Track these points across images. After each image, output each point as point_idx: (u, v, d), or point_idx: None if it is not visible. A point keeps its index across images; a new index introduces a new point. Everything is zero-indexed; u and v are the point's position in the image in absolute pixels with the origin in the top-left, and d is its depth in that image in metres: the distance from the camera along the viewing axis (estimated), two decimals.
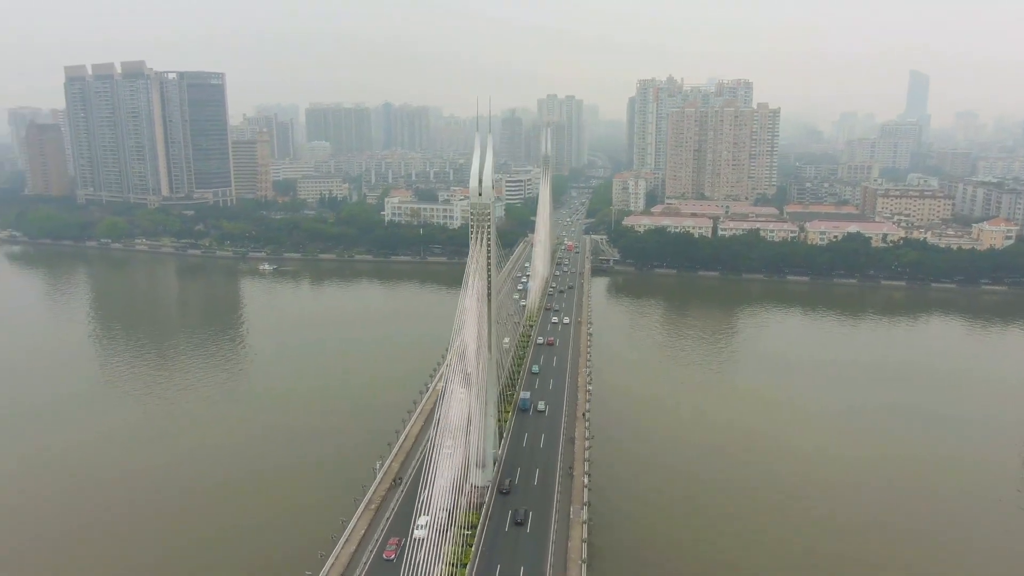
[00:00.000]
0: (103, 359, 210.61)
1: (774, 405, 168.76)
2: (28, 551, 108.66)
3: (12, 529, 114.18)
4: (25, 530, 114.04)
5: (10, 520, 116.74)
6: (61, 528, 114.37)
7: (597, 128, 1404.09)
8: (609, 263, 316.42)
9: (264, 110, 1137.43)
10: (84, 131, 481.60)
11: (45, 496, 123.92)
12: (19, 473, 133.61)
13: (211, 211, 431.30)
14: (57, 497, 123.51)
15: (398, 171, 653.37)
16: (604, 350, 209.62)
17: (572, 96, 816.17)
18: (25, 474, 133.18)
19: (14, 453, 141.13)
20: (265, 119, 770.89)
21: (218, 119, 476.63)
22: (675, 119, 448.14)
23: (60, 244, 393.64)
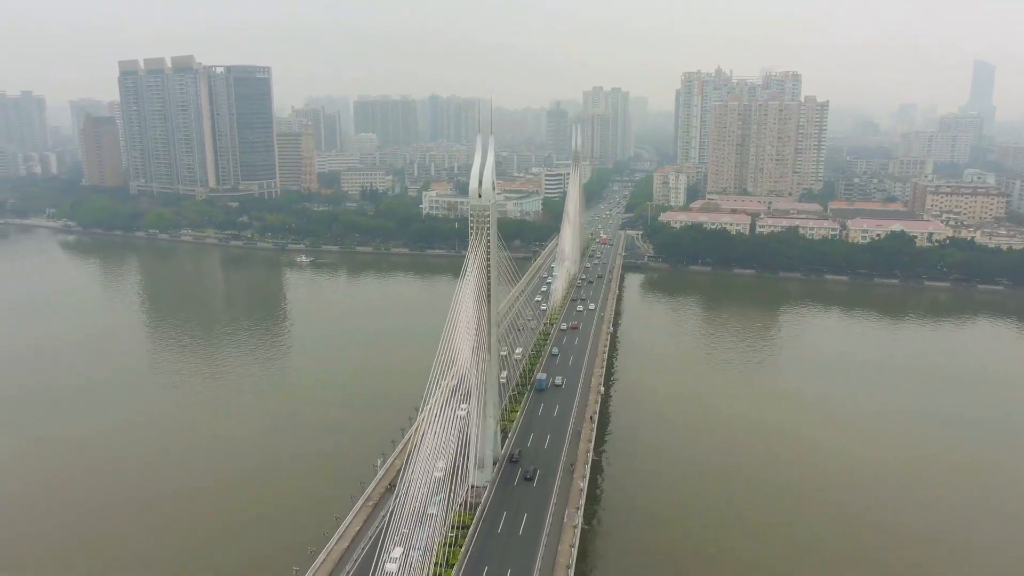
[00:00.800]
0: (138, 346, 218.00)
1: (806, 405, 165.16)
2: (16, 543, 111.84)
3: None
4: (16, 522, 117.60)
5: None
6: (49, 520, 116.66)
7: (647, 120, 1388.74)
8: (644, 260, 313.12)
9: (314, 102, 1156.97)
10: (136, 124, 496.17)
11: (44, 484, 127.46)
12: (19, 460, 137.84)
13: (255, 203, 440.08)
14: (54, 486, 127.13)
15: (441, 163, 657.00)
16: (633, 347, 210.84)
17: (618, 88, 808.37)
18: (29, 461, 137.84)
19: (27, 438, 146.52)
20: (313, 112, 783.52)
21: (263, 112, 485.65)
22: (718, 113, 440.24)
23: (111, 234, 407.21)
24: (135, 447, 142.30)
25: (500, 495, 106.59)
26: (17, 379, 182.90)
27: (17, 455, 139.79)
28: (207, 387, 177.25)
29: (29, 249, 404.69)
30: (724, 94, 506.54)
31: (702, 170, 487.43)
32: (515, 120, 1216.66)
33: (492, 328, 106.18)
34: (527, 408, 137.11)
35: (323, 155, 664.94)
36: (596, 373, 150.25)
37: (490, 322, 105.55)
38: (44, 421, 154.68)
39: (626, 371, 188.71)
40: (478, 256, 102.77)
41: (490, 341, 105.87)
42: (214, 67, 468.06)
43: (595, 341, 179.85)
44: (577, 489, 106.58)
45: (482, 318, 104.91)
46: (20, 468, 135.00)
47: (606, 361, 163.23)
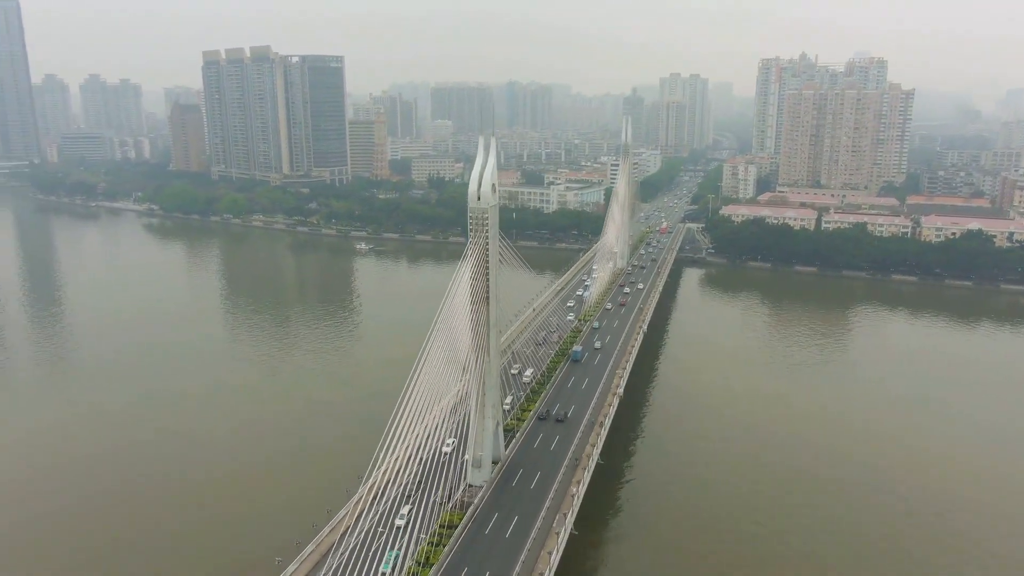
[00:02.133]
0: (210, 321, 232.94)
1: (840, 416, 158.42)
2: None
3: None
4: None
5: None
6: (47, 504, 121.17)
7: (731, 106, 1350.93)
8: (702, 254, 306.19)
9: (397, 89, 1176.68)
10: (218, 112, 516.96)
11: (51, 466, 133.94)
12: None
13: (324, 189, 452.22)
14: (61, 468, 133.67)
15: (513, 151, 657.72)
16: (681, 345, 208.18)
17: (697, 75, 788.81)
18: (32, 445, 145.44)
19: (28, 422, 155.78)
20: (390, 99, 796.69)
21: (336, 100, 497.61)
22: (792, 102, 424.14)
23: (189, 218, 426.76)
24: (155, 427, 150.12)
25: (496, 496, 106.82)
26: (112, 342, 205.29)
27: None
28: (249, 369, 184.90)
29: (117, 231, 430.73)
30: (803, 82, 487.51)
31: (776, 161, 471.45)
32: (592, 107, 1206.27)
33: (492, 330, 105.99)
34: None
35: (398, 142, 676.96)
36: (617, 374, 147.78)
37: (489, 324, 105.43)
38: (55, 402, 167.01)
39: (666, 371, 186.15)
40: (474, 258, 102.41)
41: (489, 343, 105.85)
42: (290, 57, 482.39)
43: (627, 339, 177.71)
44: (578, 486, 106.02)
45: (480, 320, 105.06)
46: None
47: (633, 362, 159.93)
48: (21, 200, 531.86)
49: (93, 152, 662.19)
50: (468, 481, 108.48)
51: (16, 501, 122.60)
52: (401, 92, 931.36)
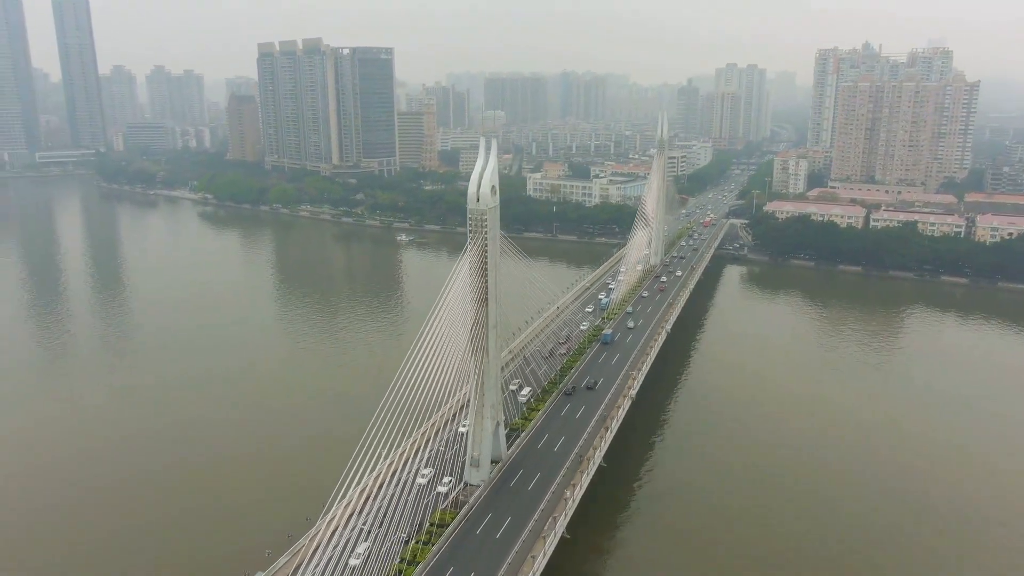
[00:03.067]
0: (229, 308, 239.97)
1: (886, 423, 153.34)
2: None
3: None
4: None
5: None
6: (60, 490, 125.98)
7: (794, 97, 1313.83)
8: (743, 251, 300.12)
9: (453, 79, 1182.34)
10: (272, 102, 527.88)
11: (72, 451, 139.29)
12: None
13: (371, 180, 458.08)
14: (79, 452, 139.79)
15: (563, 142, 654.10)
16: (715, 345, 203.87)
17: (754, 65, 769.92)
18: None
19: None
20: (442, 89, 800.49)
21: (385, 92, 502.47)
22: (846, 94, 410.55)
23: (240, 207, 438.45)
24: (178, 410, 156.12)
25: (492, 496, 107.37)
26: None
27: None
28: (272, 357, 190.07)
29: (173, 218, 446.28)
30: (862, 73, 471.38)
31: (831, 156, 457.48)
32: (648, 98, 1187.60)
33: (491, 330, 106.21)
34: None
35: (449, 132, 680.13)
36: (632, 376, 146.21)
37: (487, 324, 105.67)
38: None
39: (696, 370, 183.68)
40: (471, 259, 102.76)
41: (488, 343, 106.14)
42: (341, 49, 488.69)
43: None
44: (573, 489, 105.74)
45: (479, 320, 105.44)
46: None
47: (650, 364, 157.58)
48: (87, 187, 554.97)
49: (156, 141, 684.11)
50: (466, 480, 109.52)
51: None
52: (456, 82, 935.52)
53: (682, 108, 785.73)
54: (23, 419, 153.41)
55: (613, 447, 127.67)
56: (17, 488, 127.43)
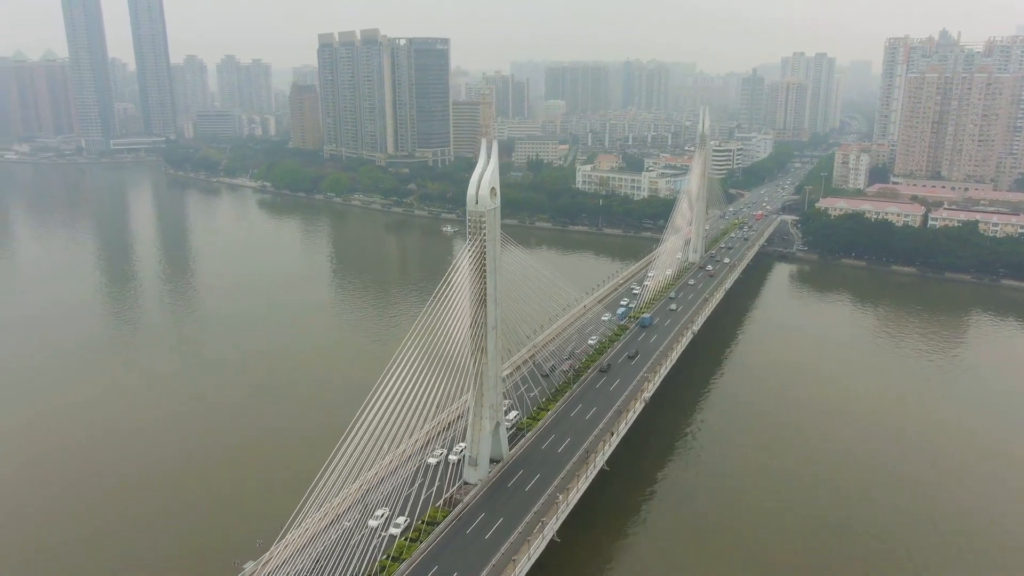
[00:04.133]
0: (269, 292, 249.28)
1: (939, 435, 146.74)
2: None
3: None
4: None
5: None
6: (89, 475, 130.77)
7: (869, 87, 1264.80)
8: (792, 248, 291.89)
9: (516, 67, 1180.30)
10: (331, 92, 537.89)
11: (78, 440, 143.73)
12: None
13: (423, 170, 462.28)
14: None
15: (619, 133, 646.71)
16: (752, 346, 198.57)
17: (823, 54, 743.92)
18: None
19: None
20: (502, 79, 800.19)
21: (441, 82, 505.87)
22: (912, 85, 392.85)
23: (296, 195, 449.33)
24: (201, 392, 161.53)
25: (488, 496, 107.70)
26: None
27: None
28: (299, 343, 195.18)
29: (233, 205, 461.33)
30: (934, 63, 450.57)
31: (895, 149, 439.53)
32: (715, 87, 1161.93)
33: (489, 331, 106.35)
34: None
35: (507, 122, 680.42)
36: (648, 379, 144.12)
37: (486, 324, 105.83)
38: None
39: (728, 374, 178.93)
40: (468, 260, 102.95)
41: (487, 343, 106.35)
42: (397, 39, 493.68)
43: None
44: (567, 493, 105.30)
45: (478, 321, 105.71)
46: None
47: (669, 368, 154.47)
48: (156, 174, 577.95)
49: (224, 129, 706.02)
50: (464, 479, 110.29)
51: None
52: (517, 71, 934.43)
53: (746, 98, 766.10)
54: (62, 399, 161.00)
55: (626, 450, 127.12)
56: (59, 462, 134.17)
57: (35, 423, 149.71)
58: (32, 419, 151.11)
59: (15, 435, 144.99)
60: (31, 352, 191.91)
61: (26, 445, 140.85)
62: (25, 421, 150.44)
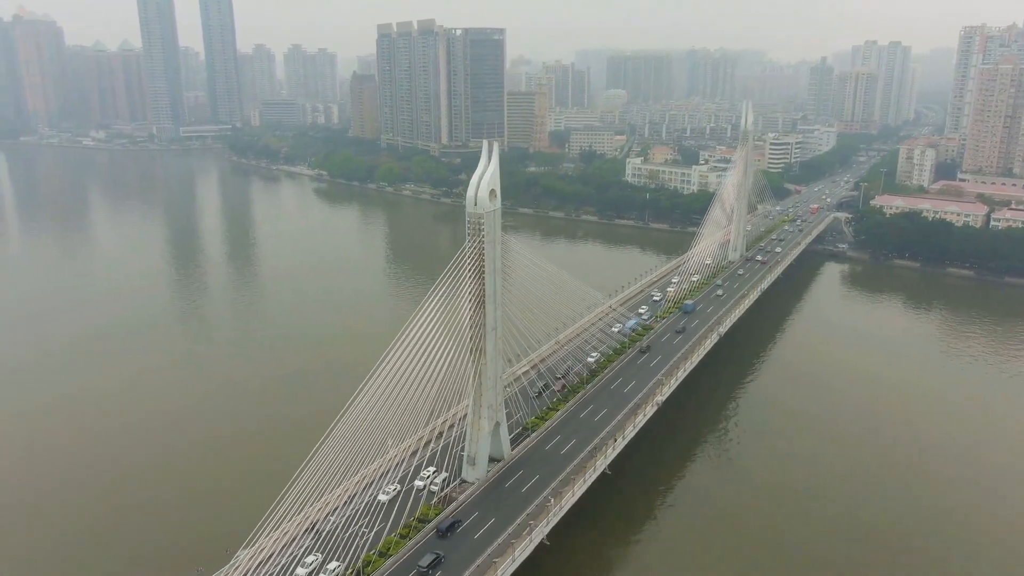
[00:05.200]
0: (313, 277, 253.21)
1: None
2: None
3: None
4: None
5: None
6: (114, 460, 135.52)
7: (948, 77, 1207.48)
8: (843, 248, 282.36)
9: (581, 55, 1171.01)
10: (388, 82, 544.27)
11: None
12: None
13: (474, 161, 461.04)
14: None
15: (678, 124, 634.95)
16: (793, 350, 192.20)
17: (897, 42, 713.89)
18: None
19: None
20: (562, 68, 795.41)
21: (496, 72, 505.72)
22: (984, 77, 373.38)
23: (350, 184, 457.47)
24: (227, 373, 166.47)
25: (484, 495, 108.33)
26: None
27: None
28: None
29: (291, 192, 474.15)
30: (1011, 53, 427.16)
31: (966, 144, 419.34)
32: (785, 75, 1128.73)
33: (488, 332, 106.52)
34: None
35: (565, 112, 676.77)
36: (663, 382, 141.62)
37: (485, 326, 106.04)
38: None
39: (765, 376, 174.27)
40: (465, 261, 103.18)
41: (485, 344, 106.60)
42: (454, 29, 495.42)
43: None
44: (560, 497, 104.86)
45: (476, 322, 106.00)
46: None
47: (688, 370, 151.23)
48: (221, 161, 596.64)
49: (288, 117, 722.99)
50: (462, 476, 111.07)
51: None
52: (582, 60, 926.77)
53: (814, 89, 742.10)
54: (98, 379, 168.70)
55: (639, 453, 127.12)
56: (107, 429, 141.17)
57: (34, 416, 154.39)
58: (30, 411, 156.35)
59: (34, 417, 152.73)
60: (80, 328, 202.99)
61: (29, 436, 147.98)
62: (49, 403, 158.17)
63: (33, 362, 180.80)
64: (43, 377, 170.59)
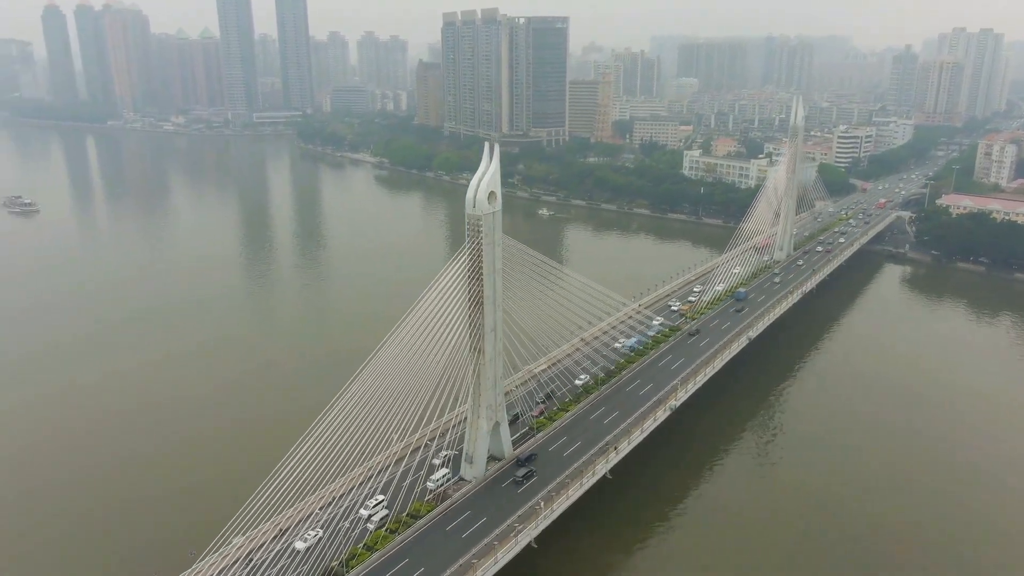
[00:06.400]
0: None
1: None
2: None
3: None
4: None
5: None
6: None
7: None
8: (903, 249, 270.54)
9: (656, 41, 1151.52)
10: (452, 70, 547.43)
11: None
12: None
13: (532, 150, 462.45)
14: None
15: (748, 114, 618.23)
16: (834, 358, 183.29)
17: (989, 30, 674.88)
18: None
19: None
20: (631, 56, 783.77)
21: (558, 61, 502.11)
22: None
23: (409, 172, 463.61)
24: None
25: (480, 493, 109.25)
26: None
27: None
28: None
29: (353, 179, 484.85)
30: None
31: None
32: (869, 64, 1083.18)
33: (487, 333, 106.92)
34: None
35: (630, 101, 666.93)
36: (678, 387, 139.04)
37: (484, 326, 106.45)
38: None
39: (801, 383, 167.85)
40: (469, 262, 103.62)
41: (484, 344, 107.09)
42: (517, 18, 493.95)
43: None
44: (542, 504, 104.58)
45: (474, 323, 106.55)
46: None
47: (711, 375, 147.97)
48: (289, 147, 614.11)
49: (357, 104, 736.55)
50: (460, 474, 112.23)
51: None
52: (653, 47, 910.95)
53: (896, 78, 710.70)
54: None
55: (652, 458, 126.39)
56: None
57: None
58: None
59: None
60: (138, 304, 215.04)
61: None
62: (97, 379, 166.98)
63: (74, 343, 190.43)
64: (88, 354, 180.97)
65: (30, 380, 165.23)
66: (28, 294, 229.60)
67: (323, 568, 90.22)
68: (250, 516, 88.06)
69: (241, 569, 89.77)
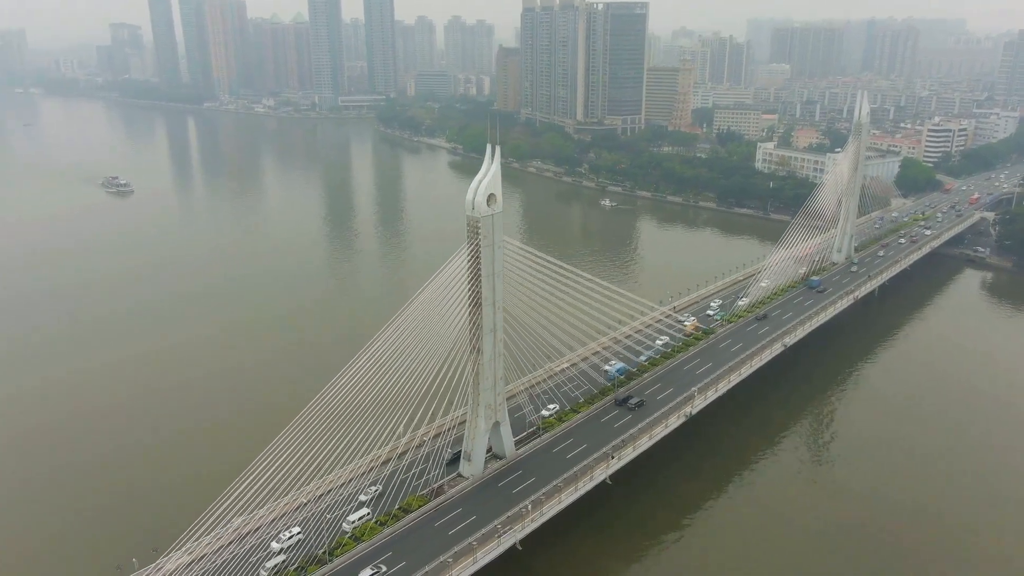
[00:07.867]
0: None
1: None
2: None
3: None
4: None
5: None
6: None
7: None
8: (982, 253, 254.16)
9: (751, 25, 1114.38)
10: (530, 56, 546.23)
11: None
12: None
13: (608, 138, 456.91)
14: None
15: (836, 104, 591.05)
16: (891, 371, 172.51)
17: None
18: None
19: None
20: (719, 41, 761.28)
21: (636, 48, 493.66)
22: None
23: (481, 158, 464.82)
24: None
25: (475, 491, 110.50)
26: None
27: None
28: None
29: (428, 164, 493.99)
30: None
31: None
32: (982, 49, 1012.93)
33: (486, 333, 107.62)
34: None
35: (713, 89, 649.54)
36: (694, 393, 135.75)
37: (482, 327, 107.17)
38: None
39: (837, 400, 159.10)
40: (468, 263, 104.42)
41: (482, 344, 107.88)
42: (595, 3, 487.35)
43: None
44: (530, 507, 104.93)
45: (474, 322, 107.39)
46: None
47: (737, 381, 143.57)
48: (371, 130, 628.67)
49: (441, 88, 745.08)
50: (458, 471, 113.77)
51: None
52: (749, 31, 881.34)
53: (1006, 66, 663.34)
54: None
55: (663, 467, 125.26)
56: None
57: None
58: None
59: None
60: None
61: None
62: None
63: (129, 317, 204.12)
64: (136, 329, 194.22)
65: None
66: (69, 275, 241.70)
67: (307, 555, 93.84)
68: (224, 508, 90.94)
69: (234, 551, 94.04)
